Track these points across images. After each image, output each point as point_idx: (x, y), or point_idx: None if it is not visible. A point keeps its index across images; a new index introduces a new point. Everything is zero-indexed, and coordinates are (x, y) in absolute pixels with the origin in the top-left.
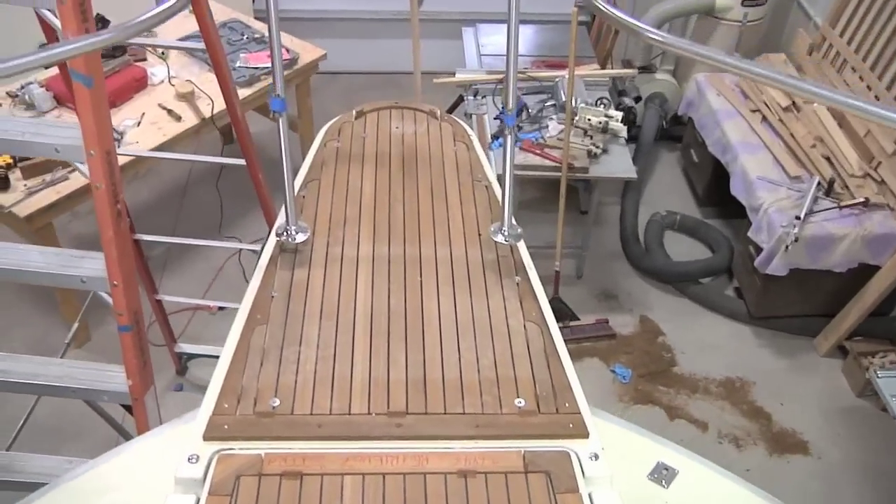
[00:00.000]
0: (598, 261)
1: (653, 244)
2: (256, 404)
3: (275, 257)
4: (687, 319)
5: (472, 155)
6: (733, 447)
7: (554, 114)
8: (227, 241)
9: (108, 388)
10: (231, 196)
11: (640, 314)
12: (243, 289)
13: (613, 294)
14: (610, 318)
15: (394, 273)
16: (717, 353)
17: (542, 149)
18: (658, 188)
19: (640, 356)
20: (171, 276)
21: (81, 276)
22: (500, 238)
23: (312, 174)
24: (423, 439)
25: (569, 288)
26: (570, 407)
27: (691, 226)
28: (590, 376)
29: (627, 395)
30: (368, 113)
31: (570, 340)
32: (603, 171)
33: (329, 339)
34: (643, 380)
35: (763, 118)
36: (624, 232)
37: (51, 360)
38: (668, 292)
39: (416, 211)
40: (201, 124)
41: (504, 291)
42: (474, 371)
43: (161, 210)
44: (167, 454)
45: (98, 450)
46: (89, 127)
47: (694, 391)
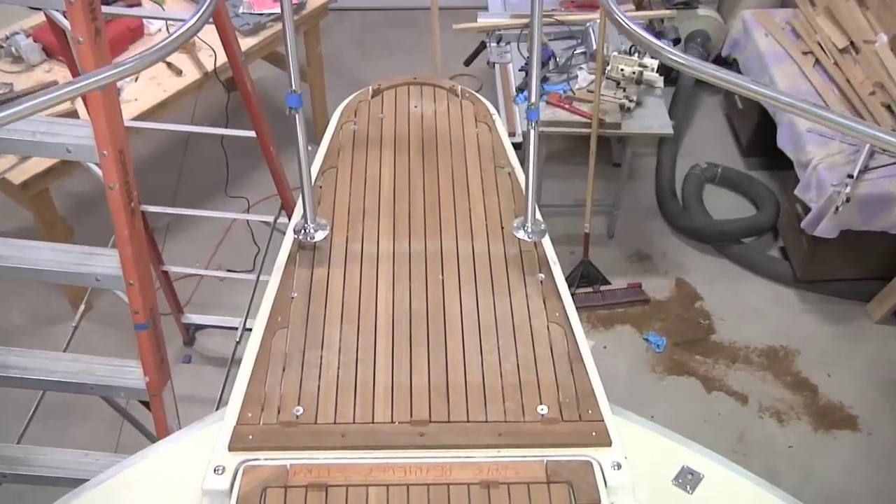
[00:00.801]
0: (630, 219)
1: (691, 200)
2: (280, 413)
3: (293, 255)
4: (727, 283)
5: (494, 137)
6: (775, 422)
7: (584, 62)
8: (234, 201)
9: (125, 384)
10: (237, 151)
11: (675, 277)
12: (252, 252)
13: (647, 255)
14: (643, 281)
15: (414, 271)
16: (760, 319)
17: (570, 102)
18: (698, 138)
19: (675, 323)
20: (175, 239)
21: (96, 274)
22: (523, 235)
23: (329, 161)
24: (446, 448)
25: (599, 249)
26: (594, 414)
27: (734, 179)
28: (621, 345)
29: (661, 365)
30: (385, 90)
31: (601, 306)
32: (636, 127)
33: (351, 344)
34: (678, 348)
35: (816, 61)
36: (660, 187)
37: (63, 356)
38: (707, 253)
39: (436, 202)
40: (203, 79)
41: (527, 290)
42: (497, 376)
43: (162, 167)
44: (193, 460)
45: (106, 431)
46: (101, 128)
47: (733, 361)
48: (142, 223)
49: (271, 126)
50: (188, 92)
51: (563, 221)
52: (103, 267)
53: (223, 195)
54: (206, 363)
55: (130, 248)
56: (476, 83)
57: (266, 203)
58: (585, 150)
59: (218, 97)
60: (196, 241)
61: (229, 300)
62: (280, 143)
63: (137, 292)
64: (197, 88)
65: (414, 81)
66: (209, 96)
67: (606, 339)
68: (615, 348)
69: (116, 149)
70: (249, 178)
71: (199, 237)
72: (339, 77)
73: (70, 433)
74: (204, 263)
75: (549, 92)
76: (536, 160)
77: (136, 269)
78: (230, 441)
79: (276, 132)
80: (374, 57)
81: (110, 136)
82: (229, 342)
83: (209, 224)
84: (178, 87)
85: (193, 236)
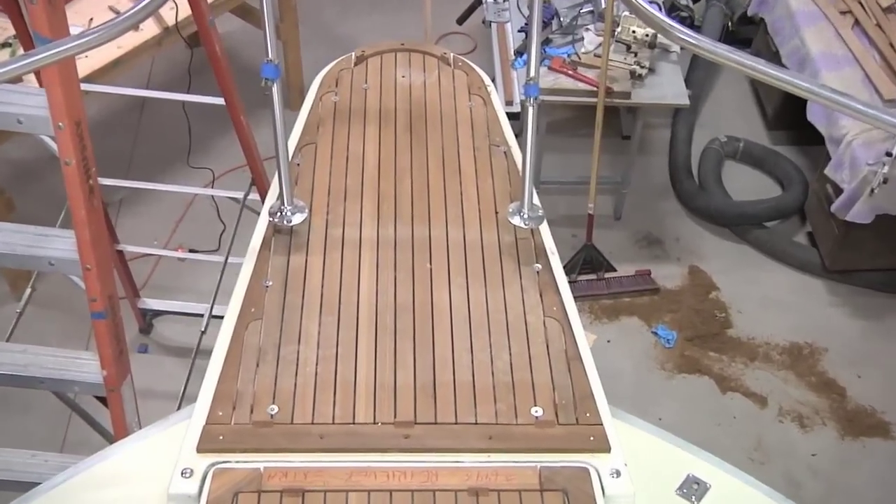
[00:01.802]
0: (640, 198)
1: (709, 178)
2: (253, 412)
3: (267, 240)
4: (747, 271)
5: (489, 112)
6: (797, 427)
7: (591, 23)
8: (197, 173)
9: (80, 378)
10: (201, 115)
11: (689, 264)
12: (216, 229)
13: (658, 239)
14: (653, 268)
15: (400, 260)
16: (782, 312)
17: (574, 68)
18: (718, 107)
19: (687, 315)
20: (130, 214)
21: (49, 258)
22: (519, 221)
23: (308, 136)
24: (432, 452)
25: (604, 232)
26: (592, 417)
27: (757, 155)
28: (627, 339)
29: (671, 362)
30: (370, 57)
31: (605, 295)
32: (648, 97)
33: (330, 337)
34: (691, 344)
35: (855, 22)
36: (674, 162)
37: (9, 346)
38: (725, 237)
39: (425, 184)
40: (163, 34)
41: (522, 282)
42: (488, 375)
43: (115, 132)
44: (157, 461)
45: (50, 428)
46: (56, 97)
47: (752, 358)
48: (101, 202)
49: (238, 88)
50: (146, 49)
51: (564, 200)
52: (58, 250)
53: (184, 166)
54: (165, 353)
55: (88, 229)
56: (469, 44)
57: (233, 175)
58: (591, 120)
59: (179, 54)
60: (153, 217)
61: (191, 283)
62: (249, 109)
63: (95, 278)
64: (156, 45)
65: (401, 48)
66: (169, 53)
67: (610, 331)
68: (620, 342)
69: (74, 121)
70: (214, 145)
71: (157, 212)
72: (316, 33)
73: (8, 431)
74: (162, 242)
75: (551, 56)
76: (535, 139)
77: (95, 253)
78: (199, 441)
79: (244, 97)
80: (356, 11)
81: (67, 106)
82: (191, 330)
83: (169, 198)
84: (134, 43)
85: (151, 211)
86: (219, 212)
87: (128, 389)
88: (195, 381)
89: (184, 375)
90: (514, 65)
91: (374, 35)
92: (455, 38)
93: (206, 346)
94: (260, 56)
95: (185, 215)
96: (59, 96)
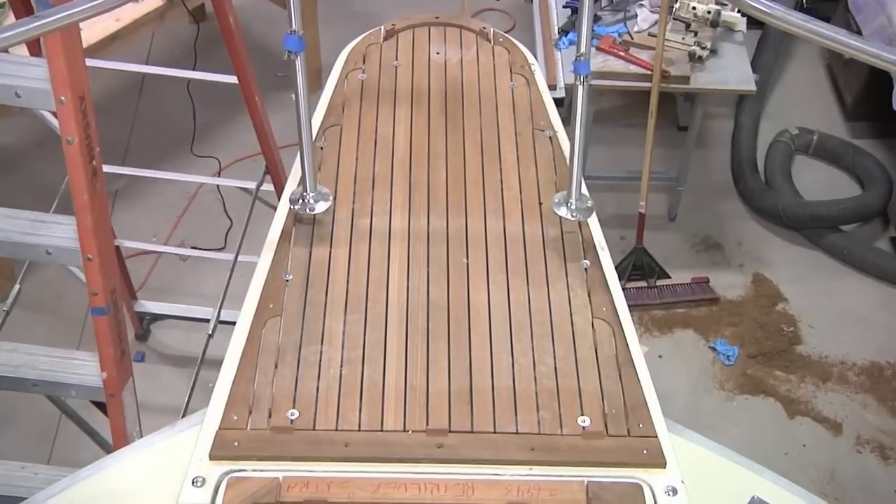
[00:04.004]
0: (698, 197)
1: (776, 174)
2: (271, 416)
3: (287, 230)
4: (819, 281)
5: (532, 93)
6: (877, 458)
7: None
8: (202, 162)
9: (77, 380)
10: (206, 98)
11: (753, 272)
12: (221, 225)
13: (717, 243)
14: (711, 276)
15: (434, 254)
16: (861, 327)
17: (626, 49)
18: (789, 95)
19: (751, 329)
20: (126, 207)
21: (47, 246)
22: (566, 212)
23: (332, 117)
24: (469, 463)
25: (657, 234)
26: (645, 428)
27: (834, 149)
28: (681, 354)
29: (732, 381)
30: (401, 31)
31: (657, 305)
32: (710, 81)
33: (356, 337)
34: (754, 361)
35: None
36: (737, 157)
37: (0, 345)
38: (795, 242)
39: (461, 171)
40: (166, 6)
41: (569, 279)
42: (530, 381)
43: (110, 115)
44: (164, 470)
45: (35, 442)
46: (59, 69)
47: (825, 379)
48: (104, 186)
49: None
50: (147, 22)
51: (612, 198)
52: (56, 237)
53: (187, 154)
54: (163, 362)
55: (90, 215)
56: (508, 21)
57: (241, 166)
58: (643, 108)
59: (181, 30)
60: (152, 211)
61: (193, 285)
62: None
63: (97, 269)
64: (158, 18)
65: (436, 21)
66: (170, 28)
67: (663, 346)
68: (673, 358)
69: (77, 95)
70: (220, 132)
71: (157, 205)
72: (335, 7)
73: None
74: (162, 238)
75: (600, 35)
76: (585, 122)
77: (97, 242)
78: (212, 448)
79: (256, 58)
80: None
81: (70, 79)
82: (193, 337)
83: (169, 189)
84: (134, 15)
85: (149, 204)
86: (225, 206)
87: (129, 394)
88: (199, 394)
89: (183, 388)
90: (557, 45)
91: (399, 11)
92: (492, 14)
93: (212, 353)
94: (272, 32)
95: (188, 209)
96: (62, 68)
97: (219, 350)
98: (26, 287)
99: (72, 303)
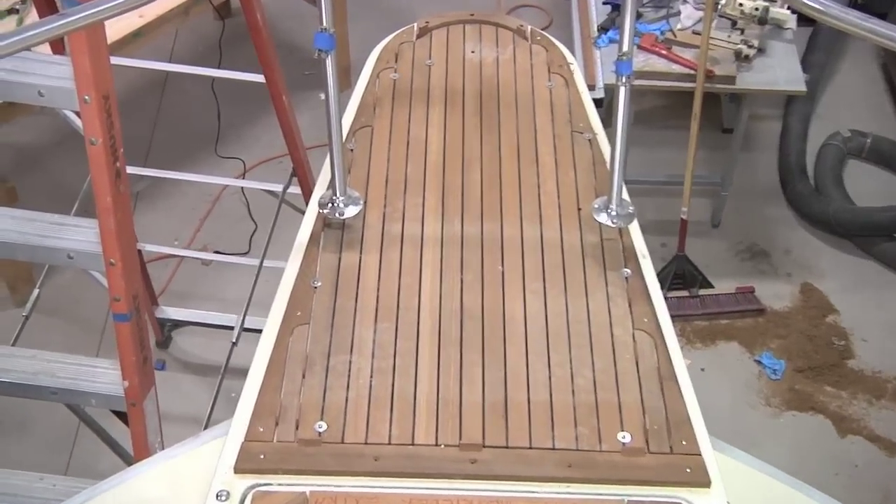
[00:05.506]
0: (743, 202)
1: (827, 179)
2: (298, 428)
3: (316, 235)
4: (872, 291)
5: (571, 93)
6: None
7: None
8: (225, 163)
9: (98, 389)
10: (230, 97)
11: (801, 281)
12: (245, 229)
13: (764, 251)
14: (757, 285)
15: (468, 261)
16: None
17: (668, 48)
18: (841, 95)
19: (798, 342)
20: (147, 209)
21: (69, 250)
22: (606, 219)
23: (363, 118)
24: (503, 480)
25: (700, 241)
26: (689, 446)
27: (888, 152)
28: (725, 368)
29: (778, 396)
30: (435, 29)
31: (699, 316)
32: (757, 82)
33: (387, 347)
34: (802, 376)
35: None
36: (785, 160)
37: (17, 351)
38: (846, 251)
39: (496, 175)
40: (191, 2)
41: (608, 289)
42: (568, 394)
43: (131, 113)
44: (187, 483)
45: (50, 453)
46: (83, 67)
47: (878, 396)
48: (128, 188)
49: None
50: (171, 18)
51: (652, 203)
52: (78, 241)
53: (210, 155)
54: (184, 370)
55: (114, 218)
56: (544, 18)
57: (265, 168)
58: (686, 110)
59: (204, 27)
60: (174, 214)
61: (216, 290)
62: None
63: (120, 274)
64: (182, 14)
65: (471, 18)
66: (194, 26)
67: (705, 359)
68: (716, 372)
69: (101, 94)
70: (245, 132)
71: (179, 208)
72: (364, 4)
73: (1, 456)
74: (184, 242)
75: (641, 33)
76: (627, 123)
77: (120, 246)
78: (237, 460)
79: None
80: None
81: (95, 77)
82: (215, 345)
83: (192, 191)
84: (158, 11)
85: (171, 206)
86: (249, 209)
87: (151, 404)
88: (221, 405)
89: (204, 397)
90: (596, 43)
91: (430, 7)
92: (527, 11)
93: (236, 362)
94: (298, 29)
95: (211, 212)
96: (87, 66)
97: (242, 358)
98: (42, 291)
99: (89, 308)
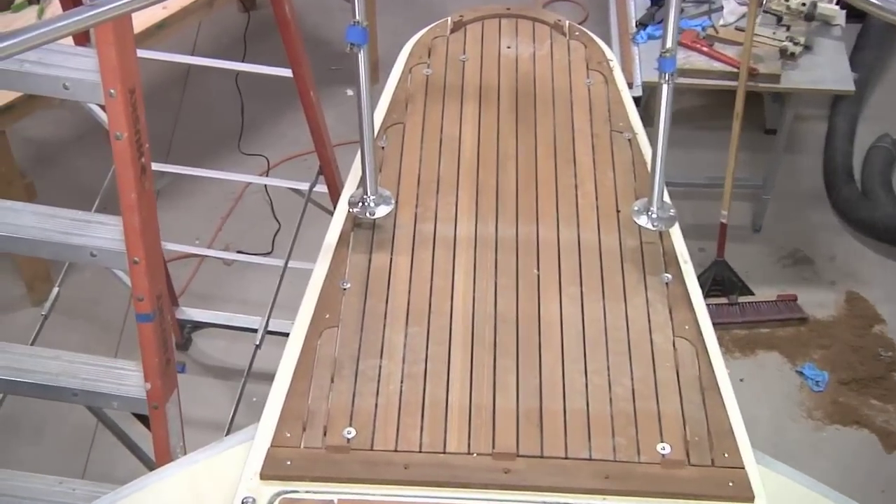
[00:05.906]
0: (786, 206)
1: (875, 183)
2: (327, 434)
3: (346, 235)
4: None
5: (611, 91)
6: None
7: None
8: (249, 160)
9: (120, 391)
10: (254, 93)
11: (846, 290)
12: (268, 229)
13: (807, 257)
14: (799, 293)
15: (502, 263)
16: None
17: (710, 44)
18: (890, 96)
19: (843, 353)
20: (168, 206)
21: (91, 247)
22: (646, 221)
23: (394, 115)
24: (537, 491)
25: (740, 246)
26: (731, 459)
27: None
28: (765, 378)
29: (821, 409)
30: (469, 23)
31: (738, 324)
32: (802, 80)
33: (418, 351)
34: (847, 388)
35: None
36: (830, 163)
37: (38, 351)
38: (894, 258)
39: (532, 175)
40: None
41: (648, 294)
42: (605, 403)
43: (152, 108)
44: (212, 489)
45: (65, 457)
46: (109, 59)
47: None
48: (152, 185)
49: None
50: (195, 10)
51: (690, 206)
52: (101, 238)
53: (234, 152)
54: (204, 373)
55: (138, 215)
56: (580, 13)
57: (290, 165)
58: (727, 109)
59: (228, 19)
60: (195, 212)
61: (238, 291)
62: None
63: (143, 273)
64: (207, 6)
65: (507, 13)
66: (220, 15)
67: (744, 369)
68: (756, 382)
69: (127, 87)
70: (270, 128)
71: (200, 206)
72: None
73: (16, 461)
74: (206, 241)
75: (682, 29)
76: (669, 123)
77: (144, 244)
78: (263, 467)
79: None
80: None
81: (121, 70)
82: (237, 348)
83: (214, 189)
84: (182, 3)
85: (192, 204)
86: (273, 208)
87: (173, 407)
88: (244, 410)
89: (226, 401)
90: (635, 39)
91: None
92: (563, 5)
93: (259, 365)
94: (325, 23)
95: (234, 210)
96: (113, 59)
97: (265, 362)
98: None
99: (109, 307)
